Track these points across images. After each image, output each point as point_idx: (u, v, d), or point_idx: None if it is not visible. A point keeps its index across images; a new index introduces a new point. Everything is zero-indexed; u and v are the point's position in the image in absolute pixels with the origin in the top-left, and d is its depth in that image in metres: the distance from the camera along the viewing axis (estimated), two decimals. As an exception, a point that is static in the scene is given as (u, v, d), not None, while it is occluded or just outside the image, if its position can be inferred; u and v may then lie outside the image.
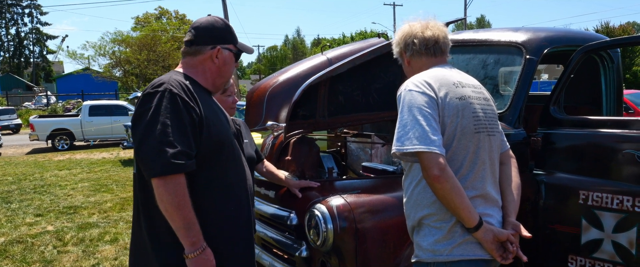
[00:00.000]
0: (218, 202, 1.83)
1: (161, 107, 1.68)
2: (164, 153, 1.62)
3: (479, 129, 1.86)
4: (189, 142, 1.69)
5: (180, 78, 1.83)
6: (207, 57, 1.90)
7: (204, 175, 1.79)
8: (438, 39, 1.97)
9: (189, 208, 1.67)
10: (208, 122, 1.78)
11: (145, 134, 1.66)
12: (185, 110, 1.71)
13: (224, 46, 1.91)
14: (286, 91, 3.25)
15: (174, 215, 1.65)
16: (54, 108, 29.02)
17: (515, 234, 1.86)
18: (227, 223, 1.86)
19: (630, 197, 2.30)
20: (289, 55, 74.13)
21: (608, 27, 33.27)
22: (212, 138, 1.79)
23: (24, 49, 58.84)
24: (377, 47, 3.06)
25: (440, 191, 1.74)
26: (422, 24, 2.00)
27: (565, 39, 3.06)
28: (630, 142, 2.35)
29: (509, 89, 2.89)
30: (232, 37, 1.95)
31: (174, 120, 1.67)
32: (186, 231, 1.67)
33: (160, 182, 1.63)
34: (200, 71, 1.91)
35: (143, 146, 1.66)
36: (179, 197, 1.64)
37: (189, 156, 1.68)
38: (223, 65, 1.92)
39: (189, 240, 1.68)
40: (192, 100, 1.75)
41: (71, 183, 9.05)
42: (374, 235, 2.38)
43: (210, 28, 1.91)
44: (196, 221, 1.69)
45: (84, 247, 5.11)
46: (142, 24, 30.17)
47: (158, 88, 1.73)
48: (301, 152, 3.02)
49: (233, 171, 1.89)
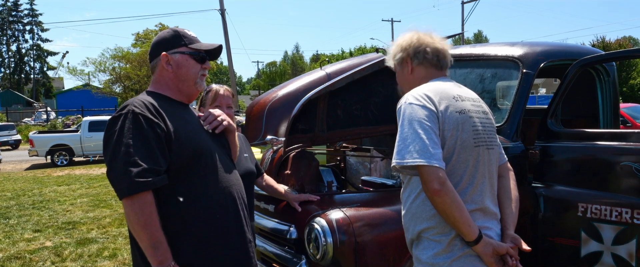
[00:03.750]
0: (202, 212, 1.83)
1: (124, 128, 1.72)
2: (129, 173, 1.65)
3: (479, 142, 1.86)
4: (155, 158, 1.71)
5: (146, 97, 1.86)
6: (161, 67, 1.93)
7: (184, 186, 1.80)
8: (446, 53, 1.99)
9: (156, 227, 1.68)
10: (178, 134, 1.79)
11: (112, 158, 1.71)
12: (148, 128, 1.73)
13: (172, 51, 1.93)
14: (285, 106, 3.27)
15: (141, 234, 1.68)
16: (53, 124, 29.06)
17: (515, 247, 1.86)
18: (216, 231, 1.85)
19: (629, 209, 2.31)
20: (288, 71, 74.43)
21: (604, 42, 33.48)
22: (185, 150, 1.80)
23: (25, 65, 59.13)
24: (376, 61, 3.08)
25: (440, 205, 1.75)
26: (429, 35, 2.00)
27: (561, 53, 3.09)
28: (628, 155, 2.37)
29: (507, 103, 2.92)
30: (179, 41, 1.95)
31: (137, 139, 1.70)
32: (153, 250, 1.68)
33: (128, 202, 1.67)
34: (162, 84, 1.95)
35: (111, 169, 1.71)
36: (145, 216, 1.66)
37: (157, 172, 1.70)
38: (178, 69, 1.93)
39: (156, 259, 1.69)
40: (157, 116, 1.77)
41: (70, 199, 9.02)
42: (373, 248, 2.38)
43: (157, 41, 1.97)
44: (164, 240, 1.70)
45: (83, 262, 5.08)
46: (142, 40, 30.31)
47: (122, 111, 1.78)
48: (301, 166, 3.03)
49: (214, 179, 1.88)
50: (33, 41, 58.96)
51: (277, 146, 3.22)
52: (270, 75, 75.29)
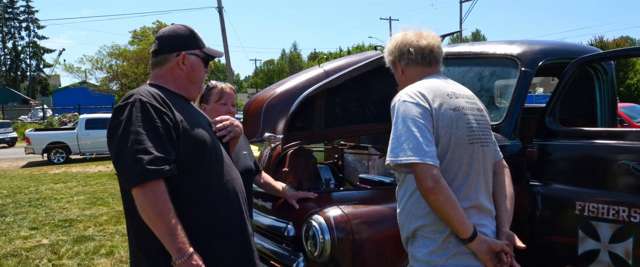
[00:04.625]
0: (207, 205, 1.82)
1: (132, 117, 1.69)
2: (140, 161, 1.61)
3: (473, 140, 1.86)
4: (165, 147, 1.68)
5: (151, 87, 1.84)
6: (173, 64, 1.91)
7: (189, 179, 1.78)
8: (433, 49, 1.97)
9: (172, 214, 1.65)
10: (184, 125, 1.78)
11: (120, 146, 1.67)
12: (157, 116, 1.71)
13: (189, 52, 1.92)
14: (283, 103, 3.27)
15: (157, 223, 1.64)
16: (50, 121, 28.95)
17: (510, 244, 1.87)
18: (220, 224, 1.84)
19: (626, 207, 2.31)
20: (286, 69, 74.38)
21: (602, 42, 33.60)
22: (191, 142, 1.78)
23: (21, 63, 58.90)
24: (374, 59, 3.08)
25: (434, 203, 1.75)
26: (416, 33, 2.00)
27: (560, 52, 3.10)
28: (625, 153, 2.37)
29: (505, 101, 2.92)
30: (196, 42, 1.95)
31: (146, 127, 1.67)
32: (171, 237, 1.65)
33: (140, 191, 1.62)
34: (170, 80, 1.92)
35: (119, 158, 1.67)
36: (160, 205, 1.63)
37: (167, 161, 1.67)
38: (191, 71, 1.92)
39: (175, 246, 1.66)
40: (164, 105, 1.75)
41: (67, 196, 8.99)
42: (371, 246, 2.38)
43: (173, 36, 1.93)
44: (180, 227, 1.67)
45: (79, 260, 5.07)
46: (139, 38, 30.19)
47: (128, 100, 1.75)
48: (298, 163, 3.03)
49: (218, 173, 1.88)
50: (29, 38, 58.78)
51: (275, 143, 3.21)
52: (268, 73, 75.27)
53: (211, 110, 2.61)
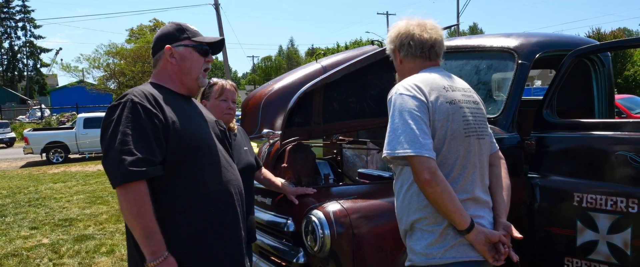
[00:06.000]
0: (198, 205, 1.83)
1: (122, 117, 1.72)
2: (123, 162, 1.64)
3: (469, 133, 1.87)
4: (151, 148, 1.70)
5: (147, 87, 1.86)
6: (164, 60, 1.94)
7: (181, 179, 1.80)
8: (434, 43, 1.96)
9: (150, 217, 1.68)
10: (176, 126, 1.78)
11: (108, 146, 1.70)
12: (146, 118, 1.73)
13: (176, 44, 1.93)
14: (281, 99, 3.28)
15: (133, 223, 1.67)
16: (48, 121, 28.91)
17: (507, 235, 1.87)
18: (211, 227, 1.85)
19: (624, 198, 2.32)
20: (283, 66, 74.29)
21: (599, 33, 33.61)
22: (182, 142, 1.79)
23: (18, 63, 58.66)
24: (371, 54, 3.08)
25: (431, 195, 1.75)
26: (420, 24, 1.97)
27: (556, 44, 3.10)
28: (623, 144, 2.38)
29: (502, 95, 2.92)
30: (182, 34, 1.96)
31: (134, 128, 1.70)
32: (146, 239, 1.68)
33: (121, 191, 1.66)
34: (165, 76, 1.95)
35: (106, 157, 1.71)
36: (138, 206, 1.66)
37: (151, 163, 1.69)
38: (181, 62, 1.93)
39: (149, 249, 1.68)
40: (155, 107, 1.77)
41: (66, 196, 9.00)
42: (370, 240, 2.38)
43: (160, 35, 1.97)
44: (158, 230, 1.69)
45: (80, 259, 5.08)
46: (136, 36, 30.11)
47: (121, 99, 1.78)
48: (297, 159, 3.03)
49: (211, 173, 1.88)
50: (26, 38, 58.49)
51: (274, 139, 3.22)
52: (265, 70, 75.20)
53: (212, 107, 2.63)
